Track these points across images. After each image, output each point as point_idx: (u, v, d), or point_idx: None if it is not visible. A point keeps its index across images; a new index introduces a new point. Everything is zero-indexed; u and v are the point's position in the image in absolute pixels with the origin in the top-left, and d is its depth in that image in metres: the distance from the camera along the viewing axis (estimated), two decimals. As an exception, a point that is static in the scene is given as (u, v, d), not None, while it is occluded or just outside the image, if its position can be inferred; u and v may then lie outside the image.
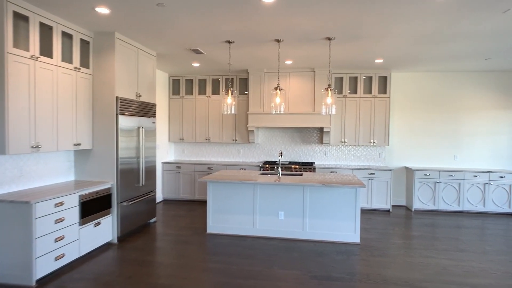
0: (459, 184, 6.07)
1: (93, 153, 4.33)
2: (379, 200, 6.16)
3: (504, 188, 6.00)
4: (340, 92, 6.48)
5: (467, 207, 6.08)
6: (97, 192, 4.02)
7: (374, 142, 6.38)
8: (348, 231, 4.46)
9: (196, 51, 5.10)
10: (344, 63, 5.84)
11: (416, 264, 3.77)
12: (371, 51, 4.97)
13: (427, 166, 6.54)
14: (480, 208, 6.06)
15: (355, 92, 6.44)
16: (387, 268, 3.66)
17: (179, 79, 7.03)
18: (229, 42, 4.61)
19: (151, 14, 3.55)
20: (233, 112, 4.70)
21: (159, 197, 6.76)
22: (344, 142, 6.47)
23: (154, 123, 5.23)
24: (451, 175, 6.08)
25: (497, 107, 6.40)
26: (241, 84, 6.80)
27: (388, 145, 6.39)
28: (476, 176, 6.04)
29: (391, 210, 6.21)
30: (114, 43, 4.21)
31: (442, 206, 6.13)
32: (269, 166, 6.31)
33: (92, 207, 3.94)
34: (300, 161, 6.85)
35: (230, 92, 4.71)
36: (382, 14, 3.45)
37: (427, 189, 6.16)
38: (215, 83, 6.90)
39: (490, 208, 6.03)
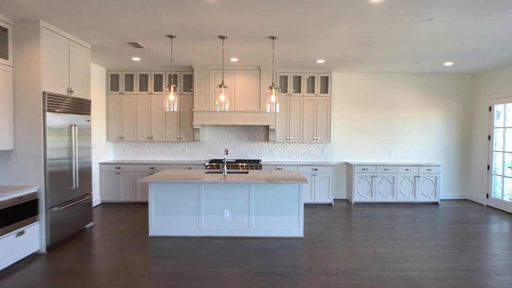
0: (393, 177, 6.56)
1: (15, 155, 3.87)
2: (322, 195, 6.42)
3: (431, 180, 6.62)
4: (285, 91, 6.61)
5: (400, 198, 6.60)
6: (20, 198, 3.59)
7: (317, 139, 6.62)
8: (292, 226, 4.56)
9: (136, 45, 4.83)
10: (288, 63, 5.96)
11: (355, 254, 3.98)
12: (313, 51, 5.13)
13: (365, 161, 6.97)
14: (411, 198, 6.61)
15: (299, 91, 6.63)
16: (328, 260, 3.80)
17: (117, 74, 6.61)
18: (171, 36, 4.42)
19: (81, 2, 3.26)
20: (175, 109, 4.54)
21: (96, 200, 6.30)
22: (289, 139, 6.63)
23: (89, 121, 4.85)
24: (386, 169, 6.55)
25: (424, 107, 7.03)
26: (186, 80, 6.61)
27: (330, 142, 6.68)
28: (408, 170, 6.58)
29: (333, 203, 6.51)
30: (39, 32, 3.79)
31: (379, 198, 6.58)
32: (216, 165, 6.23)
33: (14, 215, 3.51)
34: (246, 159, 6.87)
35: (172, 89, 4.54)
36: (321, 15, 3.56)
37: (365, 182, 6.56)
38: (158, 78, 6.62)
39: (420, 198, 6.62)
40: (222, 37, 4.45)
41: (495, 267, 3.64)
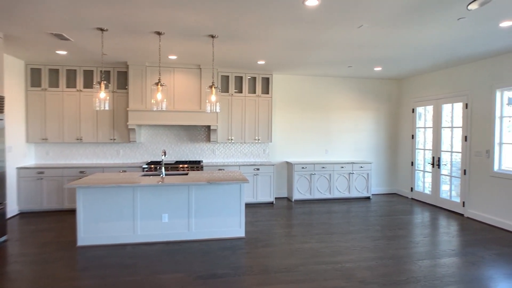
0: (330, 174, 6.90)
1: None
2: (264, 194, 6.49)
3: (363, 176, 7.09)
4: (227, 90, 6.56)
5: (336, 194, 6.96)
6: None
7: (258, 139, 6.68)
8: (234, 226, 4.52)
9: (61, 37, 4.38)
10: (229, 62, 5.92)
11: (294, 250, 4.07)
12: (253, 52, 5.15)
13: (304, 160, 7.22)
14: (346, 194, 7.01)
15: (241, 91, 6.62)
16: (269, 258, 3.83)
17: (40, 69, 5.95)
18: (102, 29, 4.09)
19: (-13, -18, 2.84)
20: (107, 108, 4.21)
21: (13, 210, 5.58)
22: (231, 139, 6.58)
23: (2, 120, 4.27)
24: (324, 167, 6.86)
25: (357, 108, 7.52)
26: (120, 77, 6.19)
27: (271, 141, 6.78)
28: (343, 167, 6.96)
29: (274, 202, 6.62)
30: None
31: (317, 195, 6.86)
32: (154, 167, 5.93)
33: None
34: (187, 160, 6.67)
35: (103, 85, 4.21)
36: (259, 17, 3.57)
37: (304, 180, 6.79)
38: (88, 75, 6.10)
39: (354, 193, 7.05)
40: (158, 33, 4.24)
41: (417, 253, 4.00)
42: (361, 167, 7.06)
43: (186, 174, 5.02)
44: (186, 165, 6.03)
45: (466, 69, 5.81)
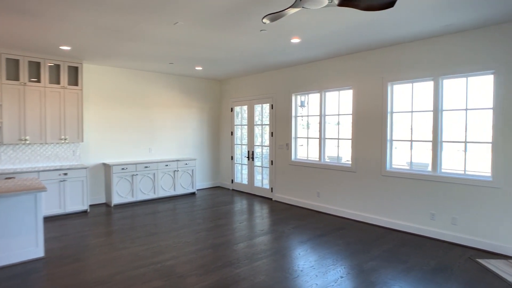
0: (154, 174, 6.64)
1: None
2: (75, 202, 5.55)
3: (188, 173, 7.20)
4: (17, 78, 5.23)
5: (161, 193, 6.76)
6: None
7: (66, 139, 5.66)
8: (28, 246, 3.62)
9: None
10: (19, 43, 4.71)
11: (110, 260, 3.63)
12: (53, 35, 4.28)
13: (125, 160, 6.66)
14: (171, 192, 6.93)
15: (39, 81, 5.43)
16: (77, 274, 3.26)
17: None
18: None
19: None
20: None
21: None
22: (26, 140, 5.29)
23: None
24: (147, 167, 6.53)
25: (181, 106, 7.55)
26: None
27: (82, 141, 5.87)
28: (167, 165, 6.84)
29: (89, 210, 5.77)
30: None
31: (140, 197, 6.46)
32: None
33: None
34: (-45, 169, 4.92)
35: None
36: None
37: (125, 182, 6.26)
38: None
39: (179, 191, 7.05)
40: None
41: (234, 239, 4.33)
42: (186, 164, 7.14)
43: None
44: (-49, 176, 4.41)
45: (273, 75, 6.80)
